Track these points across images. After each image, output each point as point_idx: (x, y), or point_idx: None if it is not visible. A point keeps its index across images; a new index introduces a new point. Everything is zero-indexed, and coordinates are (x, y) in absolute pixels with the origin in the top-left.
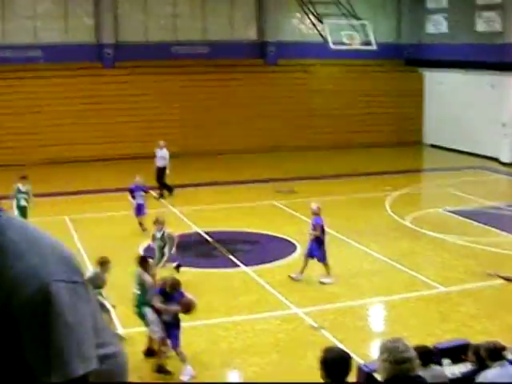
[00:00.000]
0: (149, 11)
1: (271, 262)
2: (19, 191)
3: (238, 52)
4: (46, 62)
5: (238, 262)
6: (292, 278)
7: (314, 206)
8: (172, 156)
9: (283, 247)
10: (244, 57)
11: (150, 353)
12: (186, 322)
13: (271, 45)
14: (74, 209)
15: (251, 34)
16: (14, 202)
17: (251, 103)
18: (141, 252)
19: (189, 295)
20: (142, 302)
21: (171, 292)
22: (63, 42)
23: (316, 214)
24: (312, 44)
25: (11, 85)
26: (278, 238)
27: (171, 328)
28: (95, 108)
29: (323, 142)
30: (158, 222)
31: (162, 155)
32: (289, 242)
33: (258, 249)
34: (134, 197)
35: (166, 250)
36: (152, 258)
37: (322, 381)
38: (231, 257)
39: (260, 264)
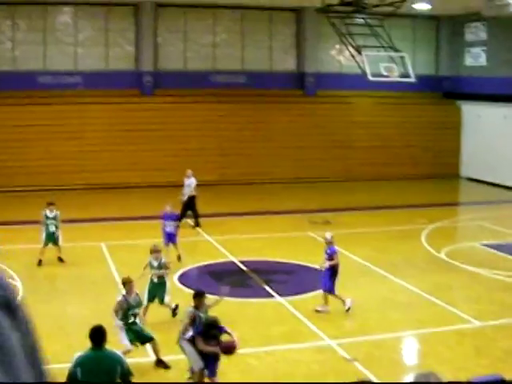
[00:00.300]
0: (188, 40)
1: (305, 292)
2: (47, 217)
3: (277, 82)
4: (86, 88)
5: (273, 292)
6: (318, 311)
7: (328, 235)
8: (209, 185)
9: (317, 278)
10: (282, 87)
11: None
12: None
13: (310, 75)
14: (111, 235)
15: (290, 65)
16: (43, 228)
17: (289, 133)
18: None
19: (229, 331)
20: (180, 336)
21: (208, 332)
22: (103, 69)
23: (331, 243)
24: (351, 75)
25: (53, 110)
26: (312, 268)
27: (210, 359)
28: (134, 135)
29: (360, 173)
30: (155, 251)
31: (188, 184)
32: None
33: (293, 279)
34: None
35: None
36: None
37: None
38: (266, 287)
39: (294, 294)
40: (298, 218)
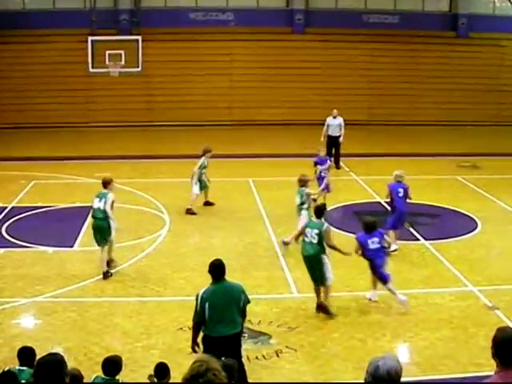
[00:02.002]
0: None
1: (450, 237)
2: (204, 167)
3: (429, 23)
4: (237, 25)
5: (417, 235)
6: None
7: (398, 172)
8: (357, 124)
9: (464, 223)
10: (434, 28)
11: (320, 308)
12: (361, 292)
13: (462, 17)
14: (258, 172)
15: (443, 5)
16: (196, 178)
17: (439, 76)
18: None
19: None
20: (320, 251)
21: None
22: (255, 7)
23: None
24: (505, 18)
25: (203, 47)
26: (459, 213)
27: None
28: (283, 73)
29: (510, 118)
30: (302, 180)
31: (338, 123)
32: (470, 218)
33: (438, 223)
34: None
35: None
36: None
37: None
38: (410, 229)
39: (439, 238)
40: (446, 161)
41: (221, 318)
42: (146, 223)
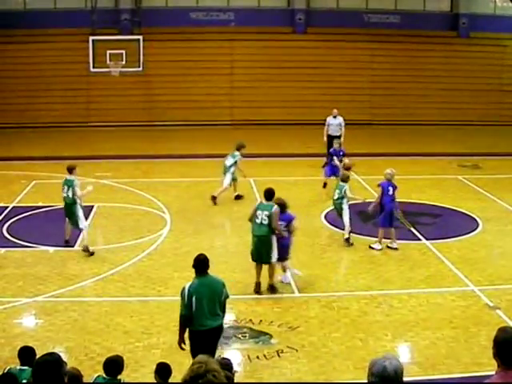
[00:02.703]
0: None
1: (452, 237)
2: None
3: (430, 23)
4: (238, 25)
5: (418, 235)
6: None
7: (389, 170)
8: (359, 124)
9: (465, 223)
10: (436, 28)
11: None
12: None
13: (463, 17)
14: (259, 171)
15: (444, 5)
16: (232, 170)
17: (440, 75)
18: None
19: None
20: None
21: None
22: (255, 6)
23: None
24: (506, 17)
25: (204, 47)
26: (460, 213)
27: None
28: (284, 72)
29: (511, 118)
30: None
31: (338, 123)
32: (471, 217)
33: (440, 223)
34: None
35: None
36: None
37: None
38: (412, 229)
39: (440, 238)
40: (447, 161)
41: (206, 311)
42: (147, 223)
